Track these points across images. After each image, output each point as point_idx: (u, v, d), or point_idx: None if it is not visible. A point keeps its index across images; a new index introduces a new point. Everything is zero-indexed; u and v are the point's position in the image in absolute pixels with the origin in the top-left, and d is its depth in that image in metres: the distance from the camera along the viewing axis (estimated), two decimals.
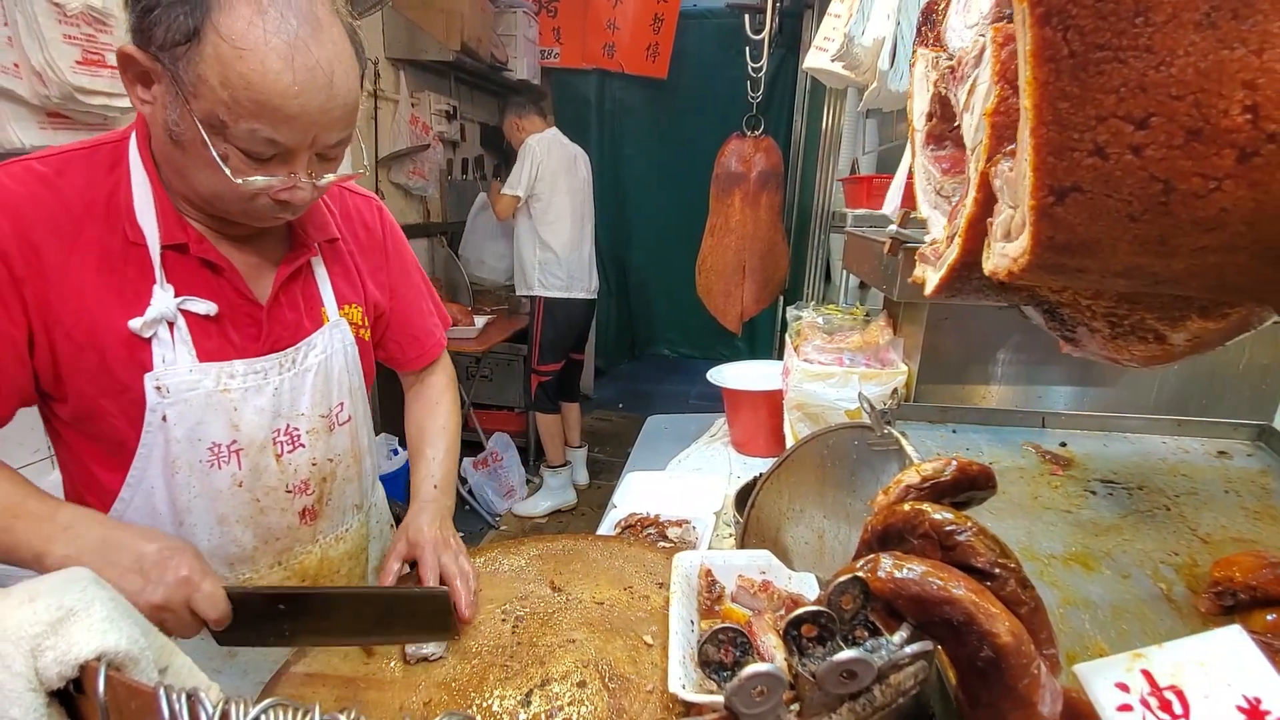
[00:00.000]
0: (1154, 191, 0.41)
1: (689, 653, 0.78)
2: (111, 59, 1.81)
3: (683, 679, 0.74)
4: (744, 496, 1.41)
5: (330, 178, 0.90)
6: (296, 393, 1.00)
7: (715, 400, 2.26)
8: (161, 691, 0.43)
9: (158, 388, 0.89)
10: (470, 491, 3.85)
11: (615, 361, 6.16)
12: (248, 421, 0.96)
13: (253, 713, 0.42)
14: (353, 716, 0.42)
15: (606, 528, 1.59)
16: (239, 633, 0.84)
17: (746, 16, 3.20)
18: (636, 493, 1.78)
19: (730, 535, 1.55)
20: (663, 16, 4.89)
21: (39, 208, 0.83)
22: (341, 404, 1.08)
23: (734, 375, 2.20)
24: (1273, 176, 0.38)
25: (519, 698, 0.81)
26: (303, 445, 1.02)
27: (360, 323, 1.11)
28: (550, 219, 3.60)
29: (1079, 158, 0.41)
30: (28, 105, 1.72)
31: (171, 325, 0.89)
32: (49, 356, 0.85)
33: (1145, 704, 0.50)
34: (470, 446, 4.13)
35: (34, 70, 1.67)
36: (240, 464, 0.96)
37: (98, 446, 0.92)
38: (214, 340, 0.93)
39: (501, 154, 5.02)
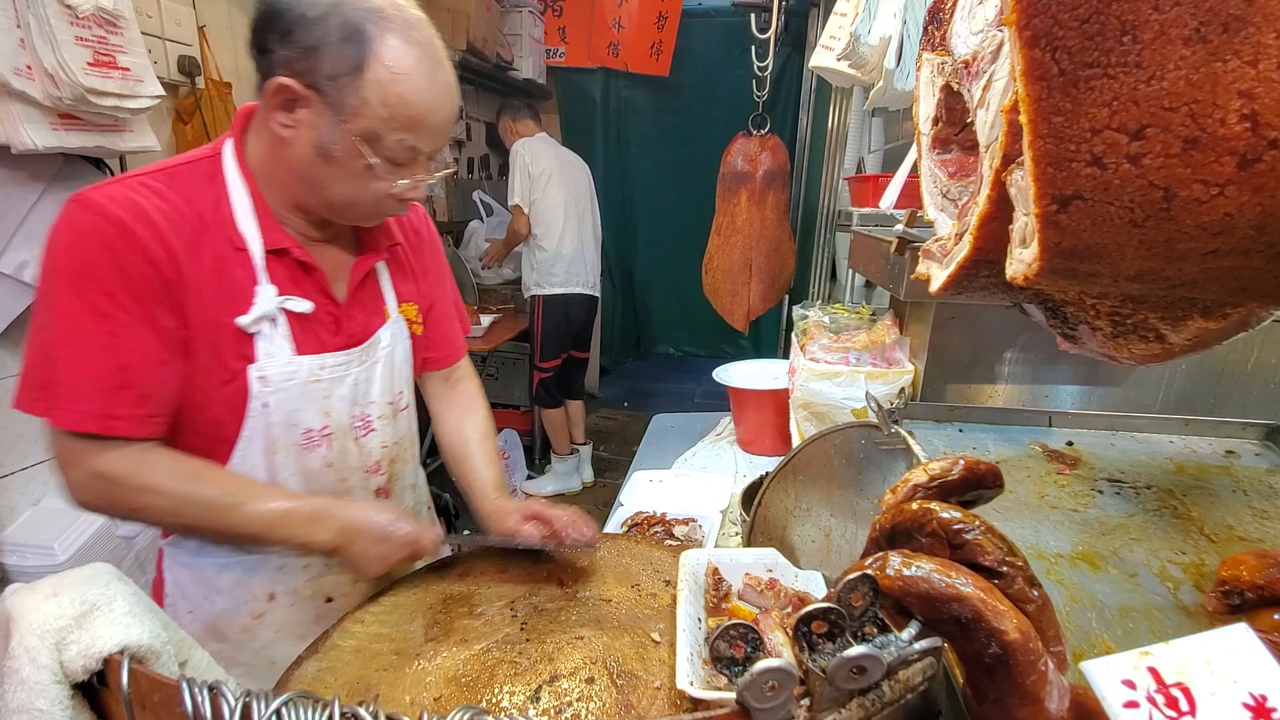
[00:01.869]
0: (1155, 198, 0.42)
1: (696, 650, 0.79)
2: (123, 60, 1.83)
3: (690, 676, 0.74)
4: (750, 495, 1.41)
5: (438, 175, 1.04)
6: (369, 382, 1.11)
7: (721, 399, 2.27)
8: (185, 684, 0.44)
9: (261, 378, 0.98)
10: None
11: (621, 360, 6.17)
12: (335, 409, 1.07)
13: (274, 705, 0.43)
14: (371, 710, 0.43)
15: (613, 526, 1.60)
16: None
17: (752, 15, 3.20)
18: (643, 491, 1.79)
19: (737, 534, 1.56)
20: (666, 14, 4.89)
21: (166, 218, 0.91)
22: (401, 392, 1.19)
23: (740, 374, 2.20)
24: (1278, 181, 0.39)
25: (528, 693, 0.82)
26: (374, 429, 1.13)
27: (414, 319, 1.22)
28: (543, 217, 3.64)
29: (1077, 168, 0.43)
30: (40, 107, 1.74)
31: (273, 322, 0.99)
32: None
33: (1151, 701, 0.51)
34: None
35: (46, 72, 1.69)
36: (330, 446, 1.07)
37: (194, 439, 0.99)
38: (305, 335, 1.03)
39: (505, 154, 5.03)
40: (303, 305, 1.01)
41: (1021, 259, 0.49)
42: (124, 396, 0.89)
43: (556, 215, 3.65)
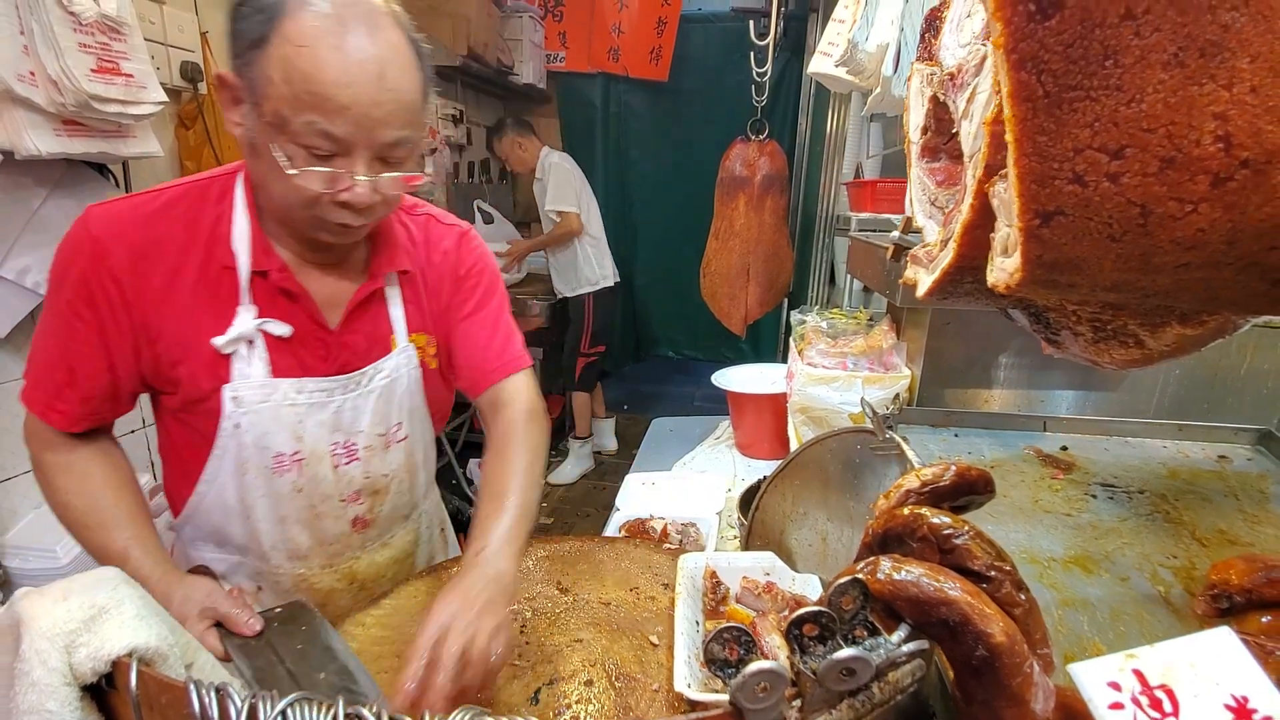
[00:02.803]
0: (1132, 215, 0.44)
1: (694, 653, 0.80)
2: (126, 67, 1.85)
3: (688, 678, 0.75)
4: (748, 499, 1.42)
5: (389, 176, 0.91)
6: (358, 412, 1.07)
7: (720, 402, 2.28)
8: (192, 686, 0.45)
9: (234, 398, 0.98)
10: (477, 493, 3.88)
11: (620, 363, 6.16)
12: (310, 435, 1.03)
13: (279, 706, 0.44)
14: (375, 710, 0.44)
15: (611, 530, 1.61)
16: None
17: (751, 21, 3.22)
18: (637, 495, 1.80)
19: (735, 537, 1.57)
20: (666, 20, 4.91)
21: (149, 235, 0.94)
22: (399, 424, 1.12)
23: (738, 378, 2.22)
24: (1248, 199, 0.41)
25: (528, 696, 0.83)
26: (358, 459, 1.09)
27: (426, 346, 1.14)
28: (589, 220, 4.03)
29: (1060, 185, 0.44)
30: (43, 113, 1.74)
31: (251, 343, 0.98)
32: (154, 364, 0.98)
33: (1136, 702, 0.52)
34: (478, 448, 4.16)
35: (49, 78, 1.70)
36: (301, 472, 1.04)
37: (191, 437, 1.03)
38: (286, 359, 1.01)
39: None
40: (281, 329, 0.99)
41: (1003, 268, 0.50)
42: (67, 394, 0.96)
43: (593, 221, 4.03)
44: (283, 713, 0.44)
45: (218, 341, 0.96)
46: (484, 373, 1.17)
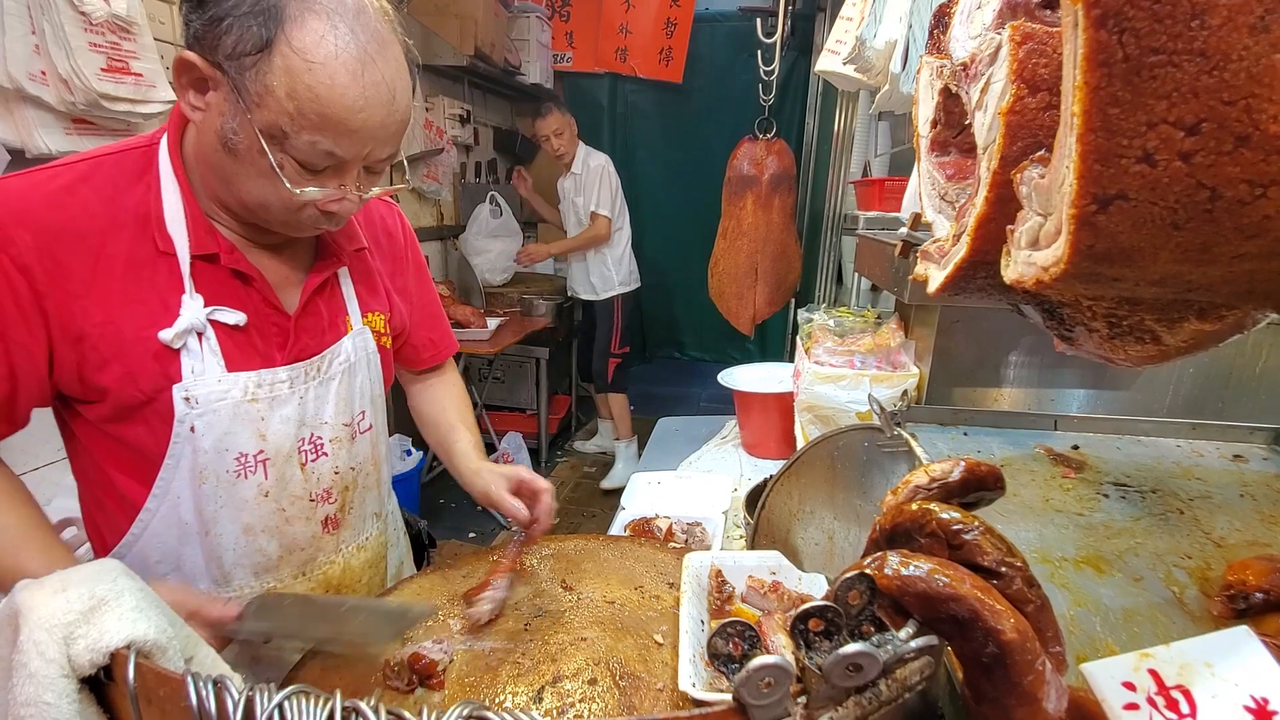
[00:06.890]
0: (1200, 199, 0.40)
1: (699, 652, 0.79)
2: (136, 66, 1.86)
3: (693, 677, 0.75)
4: (755, 498, 1.41)
5: (376, 190, 0.91)
6: (321, 401, 1.01)
7: (726, 402, 2.27)
8: (189, 679, 0.45)
9: (186, 399, 0.89)
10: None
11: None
12: (275, 431, 0.96)
13: (276, 699, 0.43)
14: (373, 704, 0.44)
15: (617, 529, 1.61)
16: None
17: (758, 20, 3.21)
18: (642, 494, 1.79)
19: (741, 537, 1.56)
20: (676, 21, 4.91)
21: (62, 216, 0.83)
22: (363, 412, 1.09)
23: (745, 377, 2.21)
24: None
25: (531, 694, 0.82)
26: (326, 454, 1.03)
27: (382, 330, 1.12)
28: (624, 224, 4.09)
29: (1126, 165, 0.40)
30: (54, 112, 1.76)
31: (200, 335, 0.89)
32: (74, 368, 0.86)
33: (1152, 703, 0.51)
34: (489, 449, 4.17)
35: (60, 78, 1.71)
36: (267, 474, 0.97)
37: (123, 453, 0.92)
38: (242, 350, 0.93)
39: (514, 157, 5.07)
40: (234, 317, 0.91)
41: (1032, 261, 0.47)
42: None
43: (625, 225, 4.10)
44: (280, 705, 0.44)
45: (165, 335, 0.86)
46: (438, 350, 1.32)
